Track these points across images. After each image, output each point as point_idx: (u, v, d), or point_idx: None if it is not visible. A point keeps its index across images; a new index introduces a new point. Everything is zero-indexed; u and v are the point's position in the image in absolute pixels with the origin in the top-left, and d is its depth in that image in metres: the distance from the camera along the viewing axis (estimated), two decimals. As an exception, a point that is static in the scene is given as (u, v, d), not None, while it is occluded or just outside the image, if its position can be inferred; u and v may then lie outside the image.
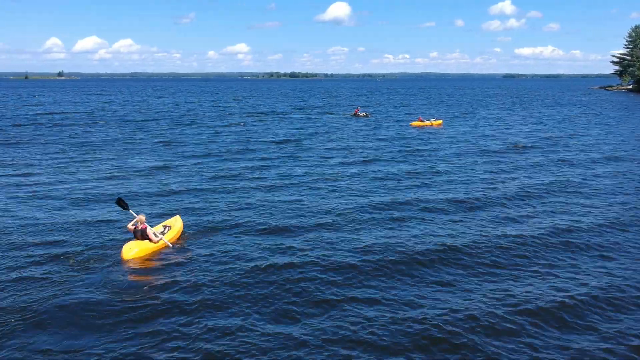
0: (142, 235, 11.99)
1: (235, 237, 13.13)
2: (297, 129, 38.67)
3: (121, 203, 12.65)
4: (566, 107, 63.98)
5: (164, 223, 13.25)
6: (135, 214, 12.39)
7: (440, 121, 41.88)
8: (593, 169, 22.52)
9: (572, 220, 14.46)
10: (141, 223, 12.06)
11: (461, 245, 12.24)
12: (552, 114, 53.96)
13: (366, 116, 48.10)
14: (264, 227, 13.86)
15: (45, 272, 10.76)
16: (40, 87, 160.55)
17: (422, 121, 40.57)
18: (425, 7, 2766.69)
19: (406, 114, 54.59)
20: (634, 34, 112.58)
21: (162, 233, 12.57)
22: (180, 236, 12.98)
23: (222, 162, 24.02)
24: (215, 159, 25.07)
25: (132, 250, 11.52)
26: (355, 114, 49.08)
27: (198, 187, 18.69)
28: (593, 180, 20.02)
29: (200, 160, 24.40)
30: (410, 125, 40.38)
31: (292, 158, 25.29)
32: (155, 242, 12.00)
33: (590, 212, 15.50)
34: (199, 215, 15.07)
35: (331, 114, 54.15)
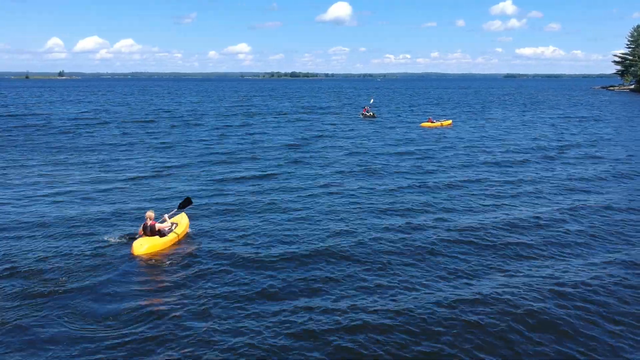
0: (151, 231, 12.02)
1: (238, 239, 13.14)
2: (303, 131, 36.96)
3: (187, 202, 13.46)
4: (576, 108, 61.69)
5: (171, 220, 13.26)
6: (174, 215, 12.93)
7: (450, 121, 41.31)
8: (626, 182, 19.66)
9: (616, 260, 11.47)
10: (150, 219, 12.08)
11: (487, 294, 9.51)
12: (566, 114, 52.07)
13: (374, 116, 47.36)
14: (268, 231, 13.83)
15: (56, 266, 10.77)
16: (39, 87, 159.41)
17: (432, 122, 39.83)
18: (427, 7, 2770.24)
19: (415, 114, 53.60)
20: (635, 33, 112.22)
21: (170, 230, 12.62)
22: (186, 233, 13.09)
23: (225, 167, 22.86)
24: (219, 164, 23.65)
25: (143, 247, 11.59)
26: (363, 114, 48.06)
27: (202, 191, 18.47)
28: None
29: (202, 166, 23.02)
30: (420, 126, 39.70)
31: (297, 165, 23.31)
32: (167, 234, 12.18)
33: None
34: (204, 216, 15.08)
35: (338, 114, 52.71)
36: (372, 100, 51.15)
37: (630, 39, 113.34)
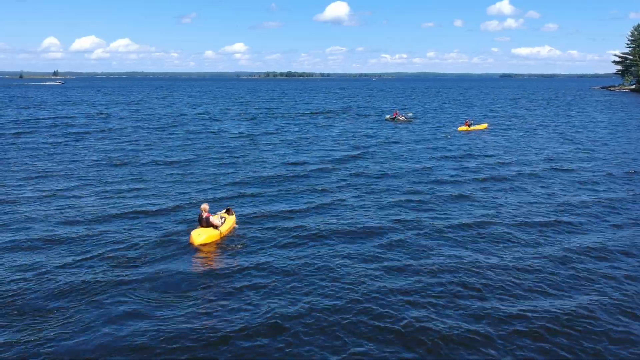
0: (206, 222, 12.40)
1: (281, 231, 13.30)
2: (337, 140, 31.79)
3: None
4: (608, 113, 53.85)
5: (219, 214, 13.59)
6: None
7: (486, 125, 39.53)
8: None
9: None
10: (205, 212, 12.51)
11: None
12: (599, 118, 47.79)
13: (408, 120, 43.31)
14: (314, 226, 13.73)
15: (120, 256, 11.26)
16: (27, 87, 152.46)
17: (469, 125, 37.74)
18: (425, 8, 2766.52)
19: (441, 116, 49.70)
20: (636, 32, 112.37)
21: (220, 224, 12.83)
22: (234, 226, 13.49)
23: (266, 168, 21.28)
24: (258, 164, 22.08)
25: (201, 237, 12.09)
26: (393, 118, 43.88)
27: (245, 185, 18.21)
28: None
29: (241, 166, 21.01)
30: (458, 130, 37.30)
31: (351, 171, 20.18)
32: (219, 226, 12.57)
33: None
34: (253, 212, 15.16)
35: (365, 116, 49.28)
36: (410, 114, 46.18)
37: (630, 38, 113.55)
